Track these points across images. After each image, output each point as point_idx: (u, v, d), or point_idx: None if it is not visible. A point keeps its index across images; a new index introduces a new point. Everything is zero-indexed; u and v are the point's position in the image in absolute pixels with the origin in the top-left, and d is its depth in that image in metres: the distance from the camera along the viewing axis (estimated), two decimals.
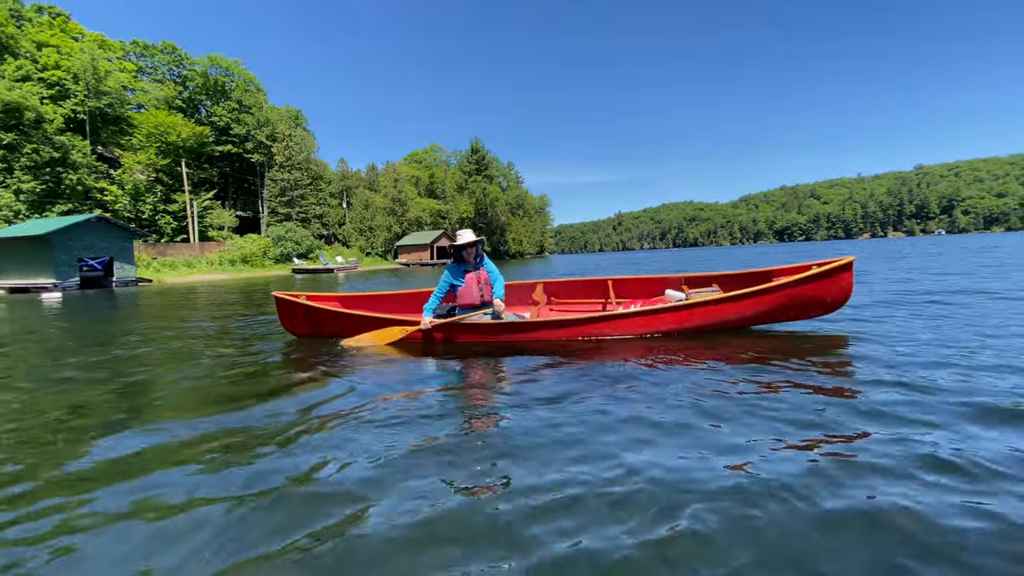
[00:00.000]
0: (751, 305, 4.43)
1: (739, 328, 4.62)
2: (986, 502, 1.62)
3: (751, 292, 4.36)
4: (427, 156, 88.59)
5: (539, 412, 2.64)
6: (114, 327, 7.56)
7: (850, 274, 4.34)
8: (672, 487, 1.76)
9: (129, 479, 2.02)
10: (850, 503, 1.63)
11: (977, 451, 1.97)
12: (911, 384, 2.83)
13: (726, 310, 4.45)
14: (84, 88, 37.91)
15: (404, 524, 1.59)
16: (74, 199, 35.38)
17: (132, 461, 2.22)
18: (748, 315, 4.50)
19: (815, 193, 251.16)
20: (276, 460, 2.14)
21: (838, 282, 4.33)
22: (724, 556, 1.39)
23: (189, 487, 1.94)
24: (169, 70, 49.28)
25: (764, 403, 2.63)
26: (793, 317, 4.60)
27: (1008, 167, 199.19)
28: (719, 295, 4.52)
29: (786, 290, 4.34)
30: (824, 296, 4.38)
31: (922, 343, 3.94)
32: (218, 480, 2.00)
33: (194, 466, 2.14)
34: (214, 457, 2.24)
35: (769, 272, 5.20)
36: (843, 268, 4.30)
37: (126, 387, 3.67)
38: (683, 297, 5.09)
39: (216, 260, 40.16)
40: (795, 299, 4.39)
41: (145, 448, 2.36)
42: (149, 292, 19.83)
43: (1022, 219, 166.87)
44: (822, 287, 4.34)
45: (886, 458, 1.93)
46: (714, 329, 4.54)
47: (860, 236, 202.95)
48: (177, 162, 43.41)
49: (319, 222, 54.61)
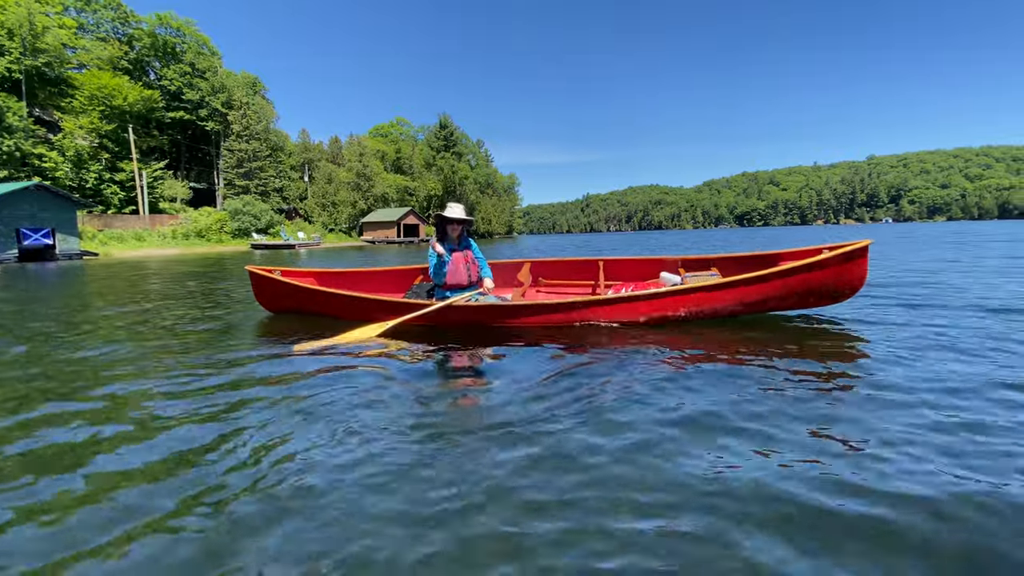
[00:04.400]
0: (755, 291, 4.06)
1: (740, 316, 4.26)
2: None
3: (755, 277, 4.00)
4: (393, 130, 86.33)
5: (518, 408, 2.40)
6: (60, 303, 7.22)
7: (865, 259, 3.98)
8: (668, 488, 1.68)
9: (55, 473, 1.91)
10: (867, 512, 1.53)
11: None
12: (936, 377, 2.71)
13: (726, 296, 4.08)
14: (20, 45, 34.95)
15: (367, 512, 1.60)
16: (11, 165, 32.91)
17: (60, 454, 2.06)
18: (751, 302, 4.12)
19: (774, 180, 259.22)
20: (230, 451, 2.04)
21: (852, 268, 3.97)
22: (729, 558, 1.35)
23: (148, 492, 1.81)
24: (113, 28, 45.89)
25: (768, 398, 2.46)
26: (801, 305, 4.21)
27: (952, 160, 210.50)
28: (718, 280, 4.17)
29: (794, 275, 3.99)
30: (836, 282, 4.02)
31: (939, 331, 3.78)
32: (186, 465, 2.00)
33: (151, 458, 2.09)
34: (175, 444, 2.23)
35: (775, 255, 4.80)
36: (858, 253, 3.93)
37: (57, 374, 3.55)
38: (679, 281, 4.73)
39: (169, 234, 38.37)
40: (804, 285, 4.03)
41: (76, 442, 2.16)
42: (95, 266, 18.85)
43: (963, 209, 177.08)
44: (834, 273, 3.98)
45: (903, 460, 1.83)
46: (713, 316, 4.19)
47: (815, 223, 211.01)
48: (124, 128, 40.84)
49: (279, 196, 52.75)
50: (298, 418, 2.36)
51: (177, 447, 2.08)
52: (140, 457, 2.00)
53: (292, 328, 4.64)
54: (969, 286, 6.13)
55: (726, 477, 1.73)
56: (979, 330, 3.78)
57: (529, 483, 1.73)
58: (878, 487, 1.65)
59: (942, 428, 2.09)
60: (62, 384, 3.02)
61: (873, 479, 1.70)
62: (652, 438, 2.05)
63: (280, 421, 2.32)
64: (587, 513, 1.56)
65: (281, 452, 2.00)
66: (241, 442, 2.10)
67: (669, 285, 4.51)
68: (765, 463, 1.83)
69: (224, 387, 2.87)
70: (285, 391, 2.75)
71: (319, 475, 1.81)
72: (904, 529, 1.45)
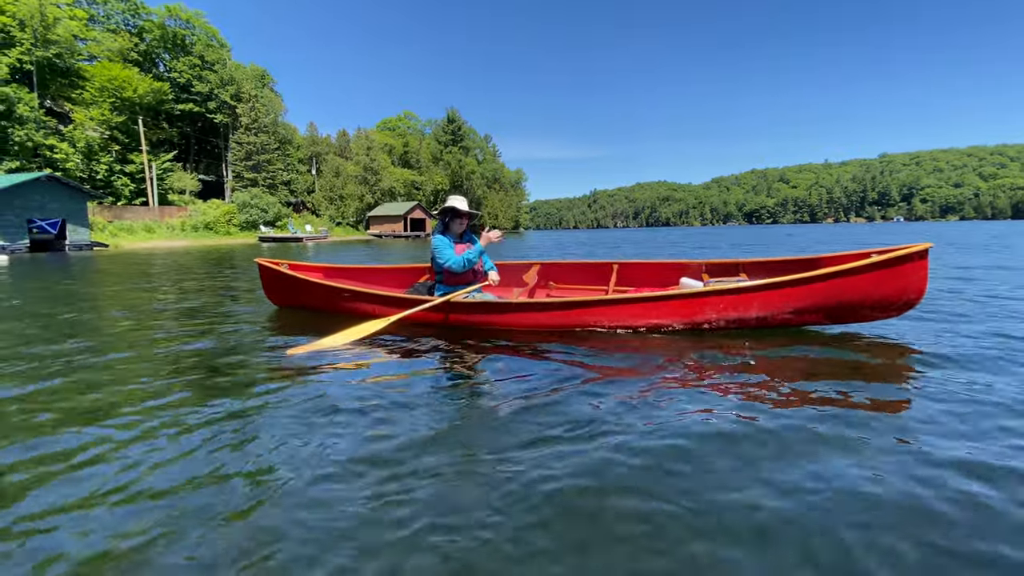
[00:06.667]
0: (783, 298, 3.55)
1: (768, 329, 3.70)
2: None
3: (781, 282, 3.51)
4: (401, 124, 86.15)
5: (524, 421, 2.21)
6: (70, 294, 7.24)
7: (923, 265, 3.35)
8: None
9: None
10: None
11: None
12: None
13: (749, 303, 3.60)
14: (31, 36, 35.13)
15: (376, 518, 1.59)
16: (23, 156, 33.16)
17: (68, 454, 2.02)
18: (779, 311, 3.60)
19: (784, 177, 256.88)
20: (238, 446, 2.03)
21: (905, 275, 3.36)
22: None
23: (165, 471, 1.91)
24: (124, 19, 46.06)
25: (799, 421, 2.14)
26: (841, 318, 3.64)
27: (966, 158, 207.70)
28: (748, 283, 3.65)
29: (830, 280, 3.44)
30: (885, 292, 3.43)
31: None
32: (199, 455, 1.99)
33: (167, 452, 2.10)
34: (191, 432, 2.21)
35: (813, 260, 4.27)
36: (912, 258, 3.32)
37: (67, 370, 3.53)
38: (701, 287, 4.16)
39: (178, 226, 38.57)
40: (843, 293, 3.47)
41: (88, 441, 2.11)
42: (105, 257, 18.97)
43: (975, 209, 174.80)
44: (882, 280, 3.40)
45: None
46: (734, 326, 3.70)
47: (824, 220, 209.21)
48: (133, 120, 41.02)
49: (286, 189, 52.87)
50: (283, 425, 2.30)
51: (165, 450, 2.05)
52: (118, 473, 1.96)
53: (293, 325, 4.60)
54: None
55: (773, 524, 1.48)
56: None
57: (531, 518, 1.53)
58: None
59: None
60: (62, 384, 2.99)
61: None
62: (684, 459, 1.85)
63: (267, 429, 2.26)
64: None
65: (266, 461, 1.96)
66: (225, 448, 2.06)
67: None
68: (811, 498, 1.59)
69: (221, 391, 2.83)
70: (277, 396, 2.63)
71: (298, 485, 1.77)
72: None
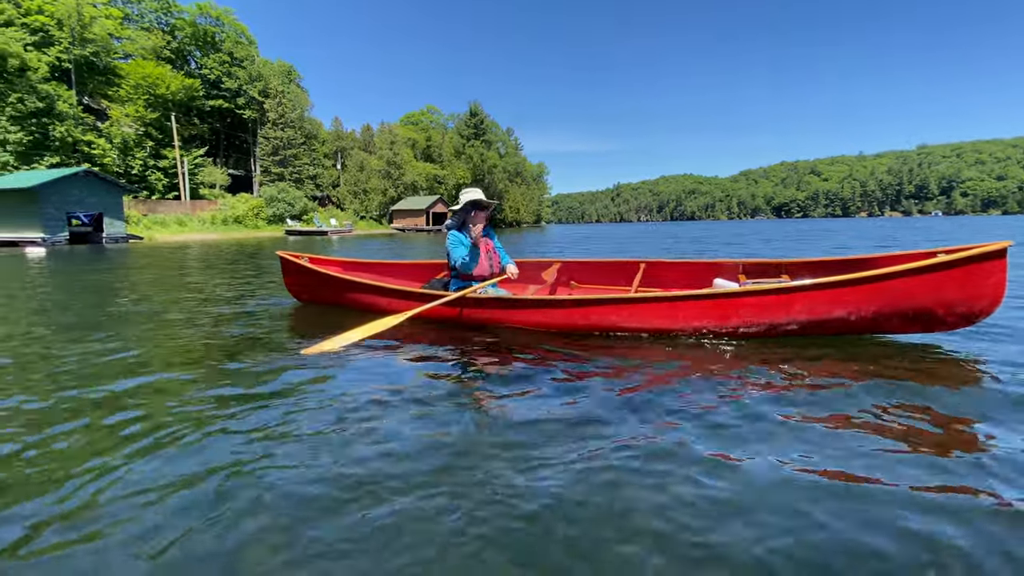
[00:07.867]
0: (829, 301, 3.11)
1: (811, 337, 3.29)
2: None
3: (827, 283, 3.08)
4: (424, 118, 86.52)
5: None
6: (110, 286, 7.50)
7: (1001, 266, 2.84)
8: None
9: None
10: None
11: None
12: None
13: (791, 305, 3.17)
14: (69, 35, 36.41)
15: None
16: (63, 151, 34.49)
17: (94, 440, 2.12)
18: (824, 316, 3.18)
19: (815, 170, 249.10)
20: (255, 442, 2.03)
21: (976, 278, 2.87)
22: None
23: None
24: (157, 18, 47.35)
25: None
26: (900, 327, 3.19)
27: (1011, 150, 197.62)
28: (781, 285, 3.25)
29: (884, 282, 2.98)
30: (951, 298, 2.94)
31: None
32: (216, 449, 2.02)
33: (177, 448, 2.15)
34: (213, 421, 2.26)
35: (870, 260, 3.77)
36: (986, 257, 2.82)
37: (103, 355, 3.65)
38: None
39: (208, 219, 39.63)
40: (901, 298, 3.01)
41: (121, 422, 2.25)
42: (141, 249, 19.62)
43: (1019, 203, 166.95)
44: (946, 283, 2.92)
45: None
46: (773, 333, 3.31)
47: (857, 215, 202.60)
48: (166, 116, 42.21)
49: (312, 183, 53.74)
50: (290, 426, 2.30)
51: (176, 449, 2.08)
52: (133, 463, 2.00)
53: (312, 320, 4.62)
54: None
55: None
56: None
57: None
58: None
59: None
60: (79, 377, 3.10)
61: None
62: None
63: (275, 427, 2.25)
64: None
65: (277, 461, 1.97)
66: (238, 451, 2.06)
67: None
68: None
69: (241, 389, 2.88)
70: (290, 397, 2.57)
71: (302, 491, 1.74)
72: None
